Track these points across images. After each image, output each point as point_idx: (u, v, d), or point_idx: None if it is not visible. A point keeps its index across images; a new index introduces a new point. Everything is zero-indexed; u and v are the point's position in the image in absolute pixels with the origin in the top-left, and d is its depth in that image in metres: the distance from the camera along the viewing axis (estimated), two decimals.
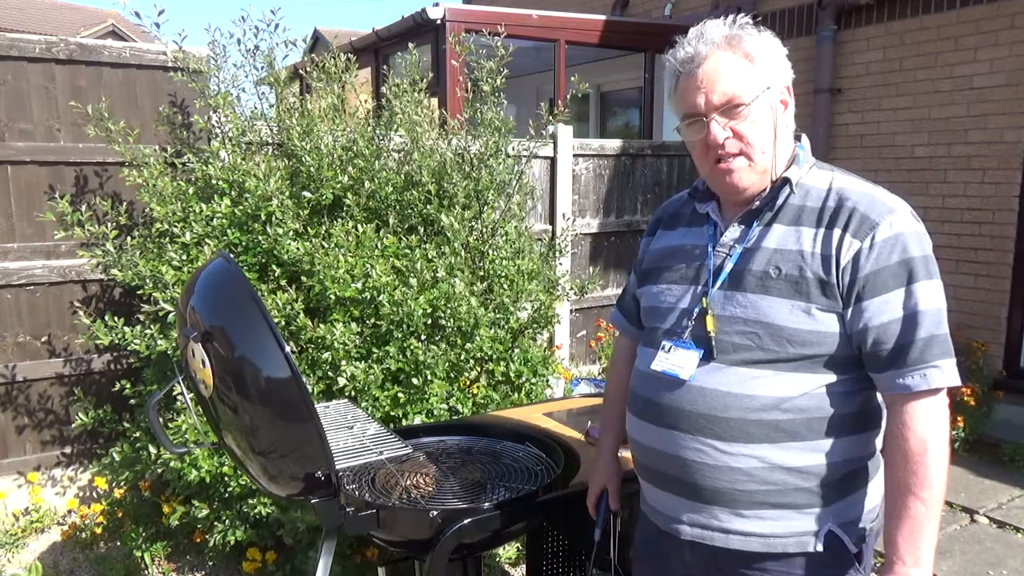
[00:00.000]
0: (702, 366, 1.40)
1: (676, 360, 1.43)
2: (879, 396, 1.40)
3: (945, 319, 1.32)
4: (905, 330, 1.29)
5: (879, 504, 1.45)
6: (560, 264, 3.76)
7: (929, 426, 1.29)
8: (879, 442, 1.43)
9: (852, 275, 1.31)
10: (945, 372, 1.29)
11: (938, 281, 1.33)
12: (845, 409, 1.37)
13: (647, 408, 1.49)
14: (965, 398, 4.27)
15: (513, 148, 3.45)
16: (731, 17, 1.40)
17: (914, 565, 1.29)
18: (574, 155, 4.87)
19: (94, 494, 3.59)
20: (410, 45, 3.45)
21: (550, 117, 3.52)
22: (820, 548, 1.38)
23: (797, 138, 1.48)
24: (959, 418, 4.23)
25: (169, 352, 2.97)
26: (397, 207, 3.18)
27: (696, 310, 1.44)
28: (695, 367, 1.41)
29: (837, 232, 1.33)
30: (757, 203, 1.42)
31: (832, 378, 1.36)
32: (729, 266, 1.42)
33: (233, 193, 3.04)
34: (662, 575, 1.58)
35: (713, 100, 1.35)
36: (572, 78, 3.53)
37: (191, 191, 3.10)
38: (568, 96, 3.49)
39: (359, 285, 2.84)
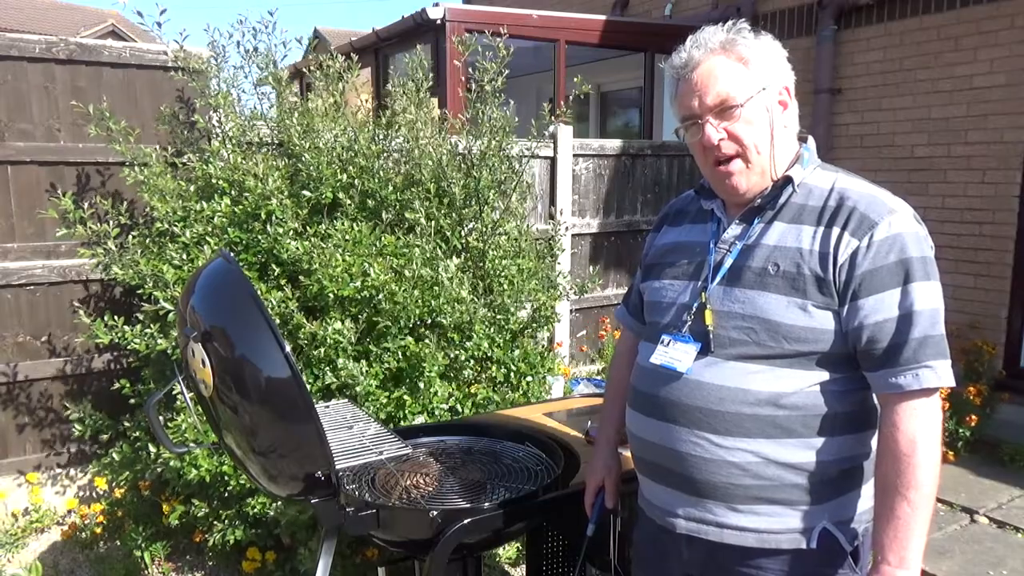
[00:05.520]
0: (699, 360, 1.42)
1: (674, 354, 1.45)
2: (875, 396, 1.40)
3: (941, 320, 1.33)
4: (900, 329, 1.30)
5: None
6: (560, 264, 3.76)
7: (919, 426, 1.29)
8: (875, 442, 1.44)
9: (849, 273, 1.32)
10: (939, 373, 1.30)
11: (936, 283, 1.33)
12: (841, 408, 1.38)
13: (645, 402, 1.51)
14: (972, 397, 4.27)
15: (516, 149, 3.46)
16: (729, 23, 1.43)
17: (899, 565, 1.29)
18: (574, 155, 4.87)
19: (94, 494, 3.59)
20: (418, 47, 3.45)
21: (552, 118, 3.52)
22: (814, 545, 1.39)
23: (803, 139, 1.49)
24: (970, 416, 4.23)
25: (169, 351, 2.97)
26: (397, 206, 3.19)
27: (695, 305, 1.46)
28: (692, 361, 1.42)
29: (836, 230, 1.34)
30: (759, 201, 1.44)
31: (827, 376, 1.37)
32: (729, 262, 1.44)
33: (233, 192, 3.04)
34: (660, 574, 1.58)
35: (707, 102, 1.39)
36: (575, 79, 3.53)
37: (191, 190, 3.10)
38: (571, 97, 3.49)
39: (357, 284, 2.84)
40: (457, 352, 3.00)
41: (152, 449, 3.02)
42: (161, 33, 3.24)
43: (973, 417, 4.23)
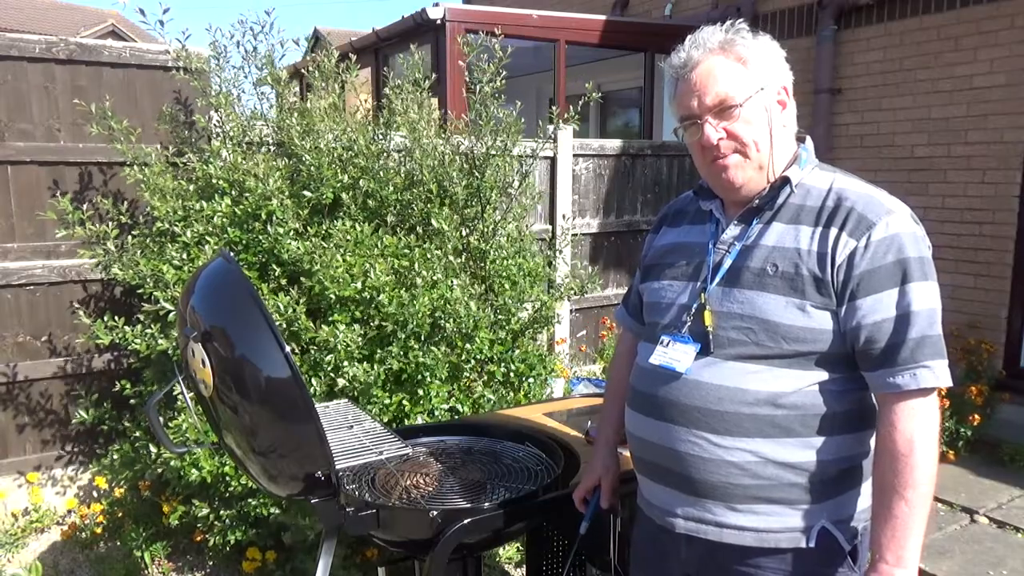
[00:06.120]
0: (698, 360, 1.42)
1: (673, 354, 1.45)
2: (873, 396, 1.41)
3: (939, 321, 1.33)
4: (897, 329, 1.31)
5: None
6: (560, 265, 3.76)
7: (916, 426, 1.30)
8: (874, 441, 1.44)
9: (847, 273, 1.33)
10: (936, 373, 1.30)
11: (933, 283, 1.34)
12: (839, 407, 1.38)
13: (644, 402, 1.51)
14: (973, 397, 4.27)
15: (517, 149, 3.46)
16: (728, 23, 1.43)
17: (896, 564, 1.30)
18: (574, 155, 4.87)
19: (94, 494, 3.59)
20: (412, 47, 3.45)
21: (560, 122, 3.53)
22: (812, 544, 1.39)
23: (801, 140, 1.49)
24: (972, 416, 4.22)
25: (169, 351, 2.97)
26: (397, 207, 3.19)
27: (695, 306, 1.46)
28: (692, 361, 1.42)
29: (834, 231, 1.35)
30: (757, 201, 1.44)
31: (826, 376, 1.37)
32: (728, 263, 1.44)
33: (233, 192, 3.04)
34: (660, 574, 1.58)
35: (706, 102, 1.39)
36: (587, 84, 3.53)
37: (191, 190, 3.11)
38: (580, 102, 3.50)
39: (358, 285, 2.84)
40: (459, 353, 3.00)
41: (152, 449, 3.02)
42: (164, 32, 3.26)
43: (976, 416, 4.23)
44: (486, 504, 1.78)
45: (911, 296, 1.31)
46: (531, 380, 3.22)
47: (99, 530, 3.36)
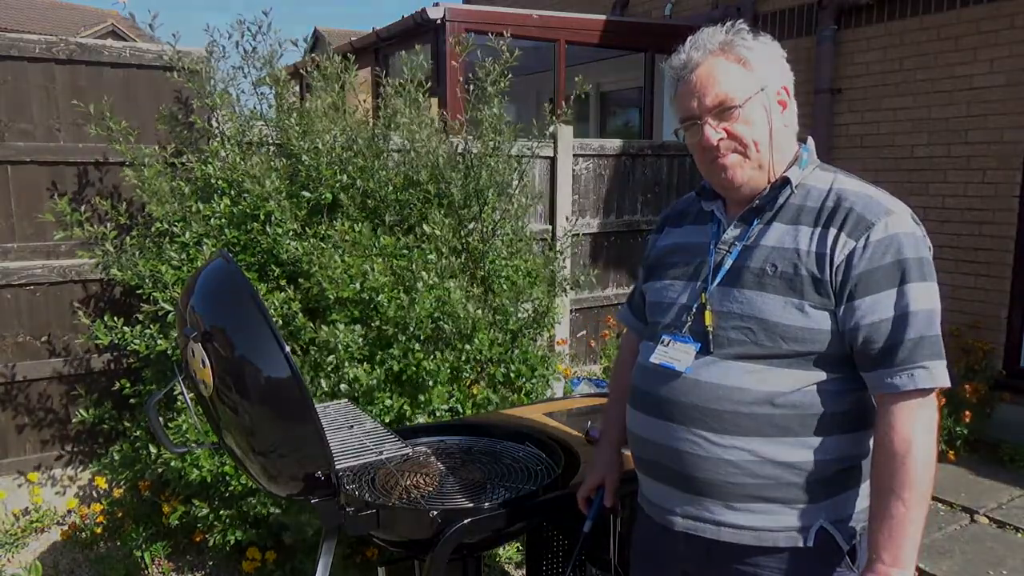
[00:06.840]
0: (698, 359, 1.43)
1: (674, 353, 1.46)
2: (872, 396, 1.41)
3: (937, 321, 1.33)
4: (895, 330, 1.31)
5: None
6: (561, 265, 3.76)
7: (914, 426, 1.30)
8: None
9: (845, 274, 1.33)
10: (934, 373, 1.30)
11: (932, 284, 1.34)
12: (838, 407, 1.38)
13: (644, 400, 1.52)
14: (968, 396, 4.27)
15: (515, 149, 3.46)
16: (728, 23, 1.44)
17: (893, 564, 1.30)
18: (574, 155, 4.87)
19: (94, 494, 3.59)
20: (417, 47, 3.45)
21: (553, 118, 3.52)
22: (811, 544, 1.39)
23: (803, 140, 1.50)
24: (965, 412, 4.22)
25: (169, 352, 2.97)
26: (396, 207, 3.18)
27: (695, 306, 1.47)
28: (692, 360, 1.43)
29: (833, 231, 1.35)
30: (757, 201, 1.44)
31: (824, 376, 1.37)
32: (728, 263, 1.45)
33: (232, 193, 3.04)
34: (659, 573, 1.59)
35: (706, 103, 1.39)
36: (576, 79, 3.53)
37: (188, 191, 3.11)
38: (571, 97, 3.49)
39: (357, 285, 2.84)
40: (459, 354, 3.00)
41: (152, 449, 3.02)
42: (154, 35, 3.26)
43: (975, 416, 4.22)
44: (486, 504, 1.78)
45: (909, 297, 1.31)
46: (532, 380, 3.22)
47: (99, 530, 3.36)
